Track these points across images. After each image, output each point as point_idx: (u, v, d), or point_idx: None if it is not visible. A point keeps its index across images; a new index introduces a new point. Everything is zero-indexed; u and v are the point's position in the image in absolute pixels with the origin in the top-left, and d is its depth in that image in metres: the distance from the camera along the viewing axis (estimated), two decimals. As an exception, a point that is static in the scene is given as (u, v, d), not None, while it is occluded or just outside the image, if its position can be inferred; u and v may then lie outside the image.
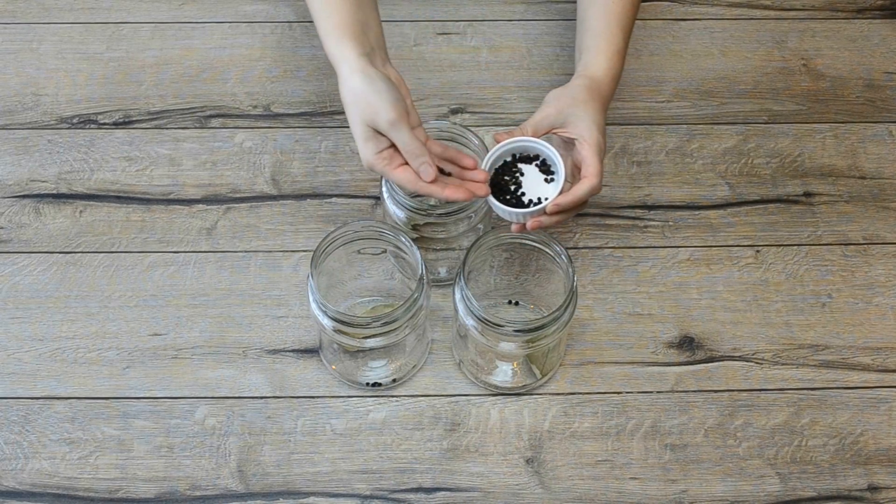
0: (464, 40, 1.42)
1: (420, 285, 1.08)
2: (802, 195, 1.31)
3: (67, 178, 1.28)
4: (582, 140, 1.09)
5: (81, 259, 1.23)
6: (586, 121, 1.09)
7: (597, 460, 1.13)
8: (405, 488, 1.11)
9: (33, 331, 1.19)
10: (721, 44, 1.43)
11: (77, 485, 1.11)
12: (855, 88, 1.40)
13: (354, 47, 1.08)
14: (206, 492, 1.11)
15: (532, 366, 1.16)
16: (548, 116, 1.11)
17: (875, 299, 1.23)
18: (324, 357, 1.17)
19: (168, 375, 1.17)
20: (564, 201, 1.07)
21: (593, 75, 1.14)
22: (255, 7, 1.45)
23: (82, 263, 1.23)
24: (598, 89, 1.12)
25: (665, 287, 1.24)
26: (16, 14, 1.43)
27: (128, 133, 1.26)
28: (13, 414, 1.15)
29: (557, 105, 1.11)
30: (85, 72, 1.38)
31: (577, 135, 1.09)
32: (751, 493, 1.12)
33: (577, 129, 1.09)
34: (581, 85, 1.12)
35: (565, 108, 1.10)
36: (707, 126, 1.36)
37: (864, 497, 1.12)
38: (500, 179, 1.11)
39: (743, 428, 1.15)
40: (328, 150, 1.33)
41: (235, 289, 1.22)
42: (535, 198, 1.09)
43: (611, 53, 1.15)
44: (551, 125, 1.11)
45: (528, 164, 1.11)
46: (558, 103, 1.11)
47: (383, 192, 1.16)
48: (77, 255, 1.24)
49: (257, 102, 1.36)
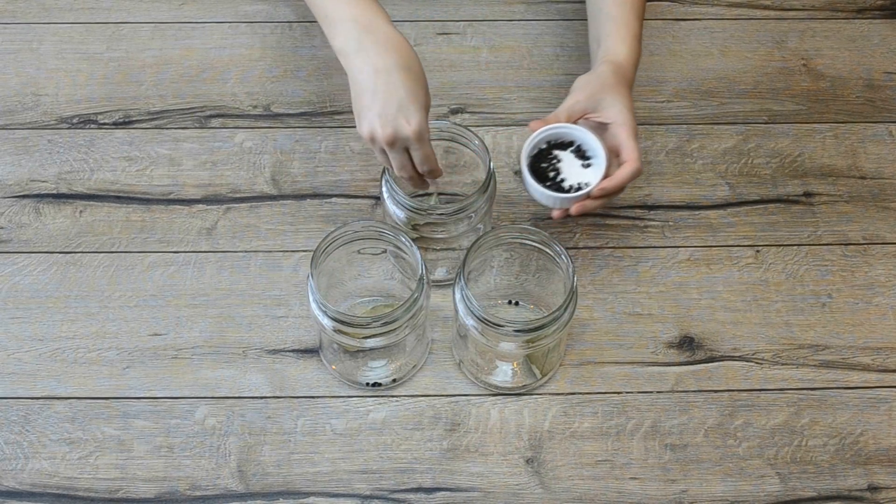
0: (464, 40, 1.42)
1: (420, 285, 1.08)
2: (802, 195, 1.31)
3: (67, 178, 1.28)
4: (617, 124, 1.11)
5: (81, 259, 1.23)
6: (618, 105, 1.11)
7: (597, 460, 1.13)
8: (405, 488, 1.11)
9: (33, 331, 1.19)
10: (721, 44, 1.43)
11: (77, 485, 1.11)
12: (855, 88, 1.40)
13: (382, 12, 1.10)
14: (206, 492, 1.11)
15: (532, 366, 1.16)
16: (579, 102, 1.12)
17: (875, 299, 1.23)
18: (324, 357, 1.17)
19: (168, 375, 1.17)
20: (609, 185, 1.09)
21: (617, 60, 1.15)
22: (255, 7, 1.45)
23: (82, 263, 1.23)
24: (623, 74, 1.15)
25: (665, 287, 1.24)
26: (16, 14, 1.43)
27: (128, 133, 1.26)
28: (13, 414, 1.15)
29: (588, 90, 1.12)
30: (85, 72, 1.38)
31: (612, 119, 1.11)
32: (751, 493, 1.12)
33: (610, 114, 1.11)
34: (608, 70, 1.14)
35: (596, 93, 1.12)
36: (707, 126, 1.36)
37: (864, 497, 1.12)
38: (538, 167, 1.12)
39: (743, 428, 1.15)
40: (328, 150, 1.33)
41: (235, 289, 1.22)
42: (575, 183, 1.11)
43: (630, 39, 1.17)
44: (584, 111, 1.12)
45: (564, 151, 1.13)
46: (589, 88, 1.13)
47: (383, 192, 1.16)
48: (77, 255, 1.23)
49: (257, 102, 1.36)
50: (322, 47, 1.42)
